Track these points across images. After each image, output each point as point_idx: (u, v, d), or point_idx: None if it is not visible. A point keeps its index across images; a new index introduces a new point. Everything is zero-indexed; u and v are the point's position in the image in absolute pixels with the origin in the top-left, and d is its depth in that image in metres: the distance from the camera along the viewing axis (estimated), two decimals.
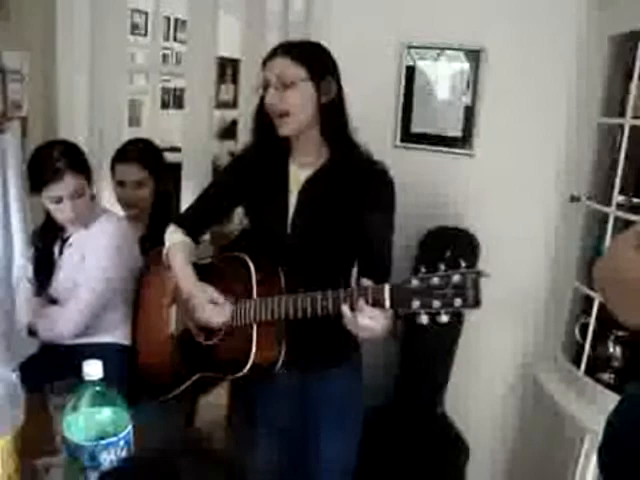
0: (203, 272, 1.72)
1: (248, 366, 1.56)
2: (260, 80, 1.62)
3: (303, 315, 1.48)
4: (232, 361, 1.60)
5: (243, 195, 1.75)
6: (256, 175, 1.70)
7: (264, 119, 1.63)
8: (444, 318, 1.26)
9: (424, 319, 1.28)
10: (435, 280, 1.26)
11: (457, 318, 1.27)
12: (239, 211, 1.96)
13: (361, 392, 1.80)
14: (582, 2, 2.15)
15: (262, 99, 1.62)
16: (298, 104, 1.56)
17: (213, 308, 1.63)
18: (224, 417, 2.48)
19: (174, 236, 1.79)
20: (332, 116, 1.59)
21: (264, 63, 1.62)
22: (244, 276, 1.61)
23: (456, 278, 1.24)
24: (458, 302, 1.24)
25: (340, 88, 1.62)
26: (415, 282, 1.29)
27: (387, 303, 1.34)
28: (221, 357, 1.67)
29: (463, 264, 1.26)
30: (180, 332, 1.82)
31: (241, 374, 1.58)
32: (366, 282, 1.39)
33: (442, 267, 1.27)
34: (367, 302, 1.36)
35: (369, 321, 1.37)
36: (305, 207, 1.64)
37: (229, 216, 1.94)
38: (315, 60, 1.59)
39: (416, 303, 1.28)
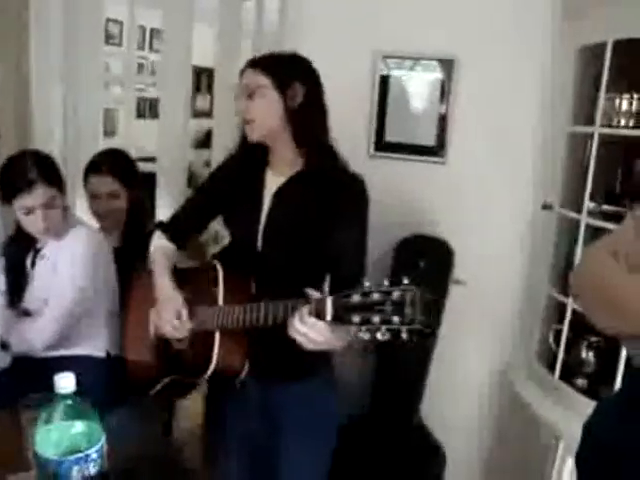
0: (181, 277, 1.75)
1: (209, 372, 1.60)
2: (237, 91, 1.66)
3: (256, 324, 1.50)
4: (197, 366, 1.64)
5: (223, 203, 1.77)
6: (235, 183, 1.73)
7: (243, 141, 1.69)
8: (383, 336, 1.24)
9: (365, 335, 1.27)
10: (375, 296, 1.26)
11: (397, 339, 1.25)
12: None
13: (330, 405, 1.76)
14: (553, 14, 2.19)
15: None
16: (261, 111, 1.60)
17: (175, 323, 1.66)
18: (200, 426, 2.47)
19: (158, 241, 1.83)
20: (300, 122, 1.61)
21: (240, 75, 1.66)
22: (213, 283, 1.64)
23: (395, 295, 1.24)
24: (396, 319, 1.23)
25: (312, 94, 1.63)
26: (356, 297, 1.29)
27: (329, 316, 1.33)
28: (188, 361, 1.71)
29: (405, 280, 1.25)
30: (158, 335, 1.82)
31: (202, 378, 1.63)
32: (312, 293, 1.39)
33: (386, 283, 1.26)
34: (310, 313, 1.36)
35: (310, 331, 1.36)
36: (275, 215, 1.65)
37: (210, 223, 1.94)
38: (279, 68, 1.62)
39: (356, 318, 1.27)
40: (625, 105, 2.00)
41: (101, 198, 2.36)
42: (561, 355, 2.18)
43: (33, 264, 2.06)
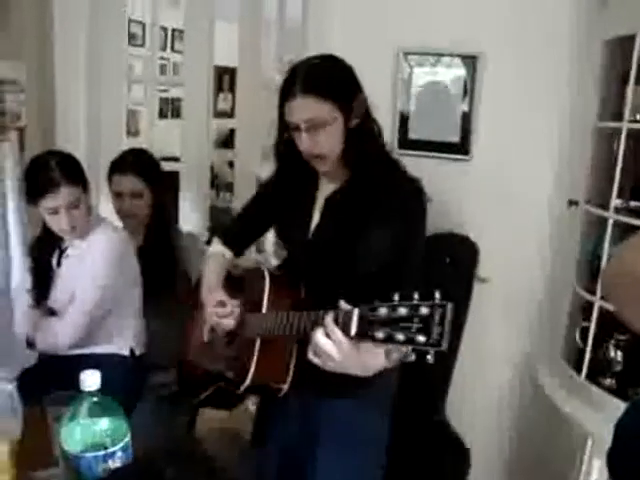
0: (234, 283, 1.73)
1: (246, 383, 1.53)
2: (281, 120, 1.52)
3: (284, 334, 1.44)
4: (238, 375, 1.57)
5: (278, 211, 1.72)
6: (289, 191, 1.66)
7: (292, 154, 1.57)
8: (409, 357, 1.12)
9: (394, 355, 1.20)
10: (402, 310, 1.13)
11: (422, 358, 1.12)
12: None
13: (375, 426, 1.67)
14: (577, 7, 2.16)
15: (285, 140, 1.57)
16: (330, 143, 1.49)
17: (221, 311, 1.62)
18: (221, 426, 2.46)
19: (214, 247, 1.82)
20: (356, 139, 1.51)
21: (284, 101, 1.50)
22: (260, 289, 1.58)
23: (424, 310, 1.11)
24: (421, 339, 1.10)
25: (366, 102, 1.53)
26: (383, 310, 1.16)
27: (353, 330, 1.21)
28: (232, 369, 1.64)
29: (437, 295, 1.11)
30: (210, 341, 1.80)
31: (240, 391, 1.56)
32: (343, 305, 1.27)
33: (415, 296, 1.13)
34: (336, 325, 1.25)
35: (330, 346, 1.25)
36: (325, 220, 1.59)
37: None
38: (341, 88, 1.49)
39: (380, 334, 1.16)
40: None
41: (125, 197, 2.38)
42: (588, 354, 2.14)
43: (59, 263, 2.09)
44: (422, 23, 2.35)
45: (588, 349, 2.14)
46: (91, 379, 1.12)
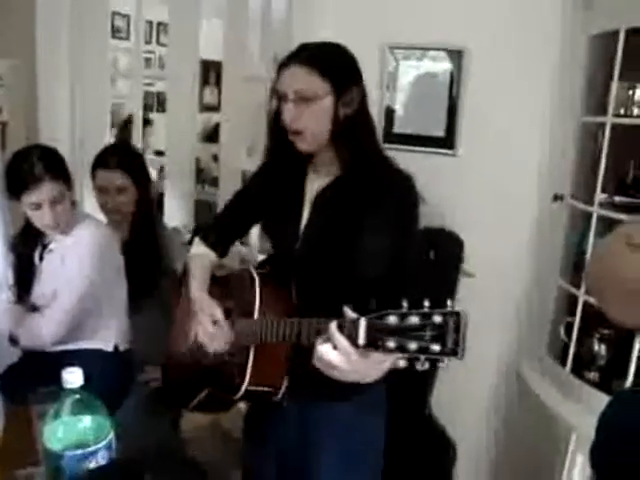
0: (219, 286, 1.67)
1: (242, 390, 1.50)
2: (274, 89, 1.48)
3: (288, 341, 1.39)
4: (231, 382, 1.53)
5: (264, 208, 1.66)
6: (275, 187, 1.61)
7: (280, 132, 1.51)
8: (422, 365, 1.07)
9: (401, 363, 1.11)
10: (414, 319, 1.08)
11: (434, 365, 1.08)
12: None
13: (375, 428, 1.64)
14: (564, 2, 2.16)
15: (276, 112, 1.50)
16: (315, 121, 1.44)
17: (213, 330, 1.57)
18: (209, 424, 2.45)
19: (196, 249, 1.75)
20: (349, 130, 1.46)
21: (279, 70, 1.46)
22: (251, 293, 1.53)
23: (437, 318, 1.06)
24: (435, 348, 1.06)
25: (365, 97, 1.49)
26: (393, 319, 1.10)
27: (361, 340, 1.14)
28: (224, 376, 1.59)
29: (449, 303, 1.07)
30: (198, 345, 1.71)
31: (236, 397, 1.53)
32: (348, 312, 1.20)
33: (426, 304, 1.08)
34: (342, 333, 1.18)
35: (336, 356, 1.18)
36: (316, 218, 1.54)
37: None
38: (340, 71, 1.45)
39: (391, 343, 1.09)
40: (638, 94, 1.98)
41: (109, 192, 2.36)
42: (573, 348, 2.16)
43: (41, 258, 2.07)
44: (409, 17, 2.34)
45: (573, 343, 2.16)
46: (73, 376, 1.10)
